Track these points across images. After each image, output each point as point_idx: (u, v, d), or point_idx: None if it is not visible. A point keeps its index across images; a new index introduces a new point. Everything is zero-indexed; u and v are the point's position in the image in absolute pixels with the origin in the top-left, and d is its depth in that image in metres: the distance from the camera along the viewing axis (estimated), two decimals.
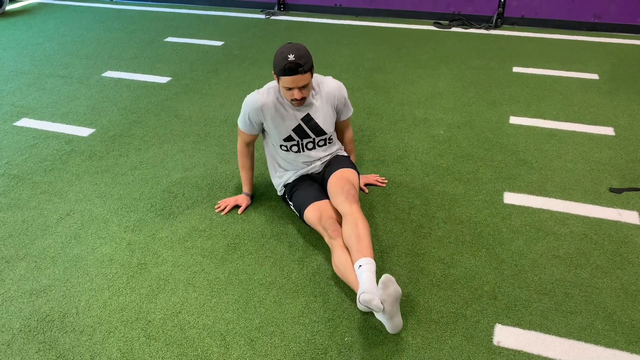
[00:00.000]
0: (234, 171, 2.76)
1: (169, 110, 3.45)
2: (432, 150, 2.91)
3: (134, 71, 4.09)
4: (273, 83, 2.19)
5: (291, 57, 1.97)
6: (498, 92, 3.54)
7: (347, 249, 1.96)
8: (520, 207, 2.43)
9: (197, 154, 2.94)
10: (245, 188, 2.47)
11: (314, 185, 2.28)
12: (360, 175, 2.62)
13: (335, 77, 3.74)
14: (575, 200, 2.46)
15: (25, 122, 3.36)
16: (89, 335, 1.86)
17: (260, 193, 2.58)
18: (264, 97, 2.15)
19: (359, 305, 1.78)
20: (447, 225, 2.33)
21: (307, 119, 2.20)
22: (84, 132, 3.22)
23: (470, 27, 4.82)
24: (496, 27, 4.79)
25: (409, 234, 2.29)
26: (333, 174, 2.23)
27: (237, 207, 2.46)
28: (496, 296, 1.96)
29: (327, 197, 2.22)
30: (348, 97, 2.33)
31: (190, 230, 2.35)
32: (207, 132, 3.16)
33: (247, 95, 2.19)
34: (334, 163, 2.31)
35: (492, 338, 1.80)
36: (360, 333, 1.83)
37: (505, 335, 1.81)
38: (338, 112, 2.29)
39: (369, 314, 1.89)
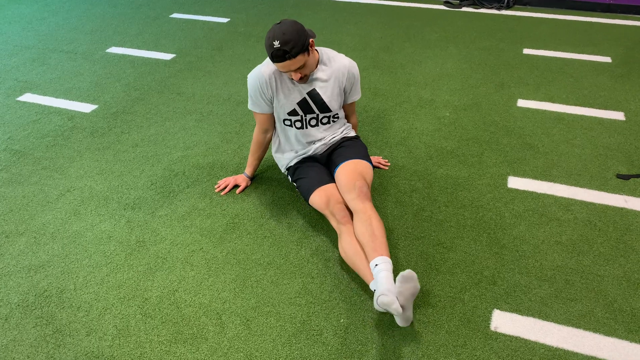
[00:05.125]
0: (236, 150, 2.73)
1: (172, 88, 3.42)
2: (437, 132, 2.86)
3: (139, 47, 4.05)
4: None
5: (276, 43, 1.85)
6: (507, 74, 3.46)
7: (356, 237, 1.91)
8: (524, 191, 2.39)
9: (199, 132, 2.92)
10: (248, 170, 2.44)
11: (317, 167, 2.22)
12: None
13: None
14: (581, 186, 2.41)
15: (28, 97, 3.34)
16: (86, 311, 1.87)
17: (261, 173, 2.55)
18: (269, 68, 2.08)
19: (376, 306, 1.70)
20: (449, 208, 2.30)
21: (313, 94, 2.12)
22: (87, 108, 3.20)
23: (482, 7, 4.71)
24: (508, 7, 4.67)
25: (409, 217, 2.26)
26: (344, 164, 2.14)
27: (236, 186, 2.44)
28: (495, 281, 1.94)
29: (333, 179, 2.17)
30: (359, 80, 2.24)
31: (190, 209, 2.34)
32: (210, 111, 3.13)
33: (250, 73, 2.13)
34: (346, 148, 2.22)
35: (489, 323, 1.78)
36: (356, 315, 1.82)
37: (503, 321, 1.79)
38: (346, 92, 2.21)
39: (365, 299, 1.87)
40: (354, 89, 2.22)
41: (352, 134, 2.33)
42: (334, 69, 2.13)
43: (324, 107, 2.16)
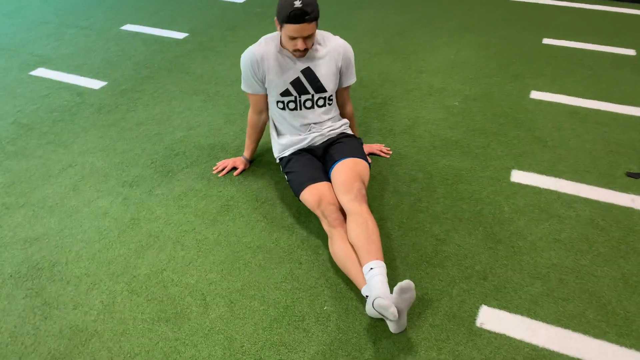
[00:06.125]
0: (238, 132, 2.72)
1: (181, 67, 3.42)
2: (443, 122, 2.80)
3: (153, 25, 4.05)
4: (270, 35, 2.09)
5: (298, 3, 1.81)
6: (523, 64, 3.36)
7: (348, 240, 1.85)
8: (527, 186, 2.32)
9: (204, 112, 2.91)
10: (247, 153, 2.42)
11: (311, 161, 2.15)
12: (365, 144, 2.54)
13: (354, 40, 3.64)
14: (588, 183, 2.33)
15: (41, 72, 3.39)
16: (75, 285, 1.90)
17: (260, 156, 2.54)
18: (262, 47, 2.05)
19: (369, 310, 1.65)
20: (447, 200, 2.25)
21: (308, 72, 2.07)
22: (96, 84, 3.23)
23: None
24: None
25: (405, 207, 2.22)
26: (343, 162, 2.07)
27: (234, 169, 2.43)
28: (486, 277, 1.90)
29: (327, 177, 2.10)
30: (355, 64, 2.17)
31: (187, 189, 2.35)
32: (217, 92, 3.12)
33: (243, 53, 2.11)
34: (344, 145, 2.17)
35: (475, 319, 1.75)
36: (340, 303, 1.80)
37: (490, 318, 1.75)
38: (341, 74, 2.16)
39: (351, 288, 1.85)
40: (349, 72, 2.17)
41: (350, 132, 2.28)
42: (330, 48, 2.08)
43: (319, 87, 2.11)
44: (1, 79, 3.32)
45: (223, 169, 2.43)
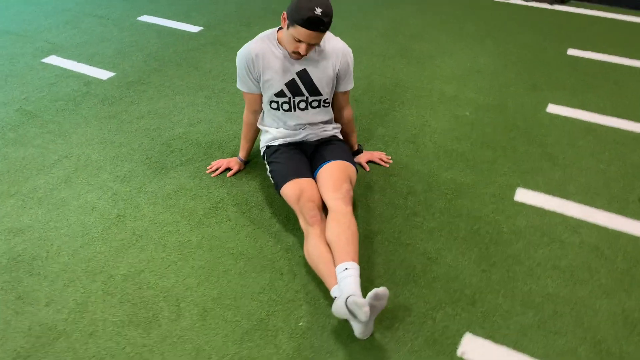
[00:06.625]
0: (237, 131, 2.66)
1: (191, 61, 3.37)
2: (451, 132, 2.68)
3: (169, 17, 4.02)
4: (266, 33, 2.01)
5: (318, 10, 1.73)
6: (543, 75, 3.20)
7: (324, 240, 1.80)
8: (530, 206, 2.20)
9: (206, 109, 2.86)
10: (242, 154, 2.36)
11: (299, 156, 2.11)
12: (365, 151, 2.46)
13: (368, 41, 3.55)
14: (597, 207, 2.19)
15: (52, 60, 3.39)
16: (51, 281, 1.87)
17: (256, 157, 2.46)
18: (257, 45, 1.98)
19: (338, 308, 1.58)
20: (444, 216, 2.15)
21: (303, 74, 2.00)
22: (104, 75, 3.21)
23: (532, 0, 4.38)
24: (562, 2, 4.32)
25: (399, 221, 2.13)
26: (333, 162, 2.03)
27: (228, 169, 2.38)
28: (475, 302, 1.79)
29: (311, 174, 2.06)
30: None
31: (177, 187, 2.30)
32: (222, 88, 3.07)
33: (239, 50, 2.03)
34: (337, 147, 2.13)
35: (457, 347, 1.65)
36: (317, 320, 1.73)
37: (473, 347, 1.65)
38: (339, 79, 2.08)
39: (330, 304, 1.77)
40: (347, 77, 2.09)
41: (341, 137, 2.24)
42: (328, 51, 2.00)
43: (313, 90, 2.04)
44: (13, 64, 3.34)
45: (217, 169, 2.37)
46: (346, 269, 1.67)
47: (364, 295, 1.56)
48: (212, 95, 3.00)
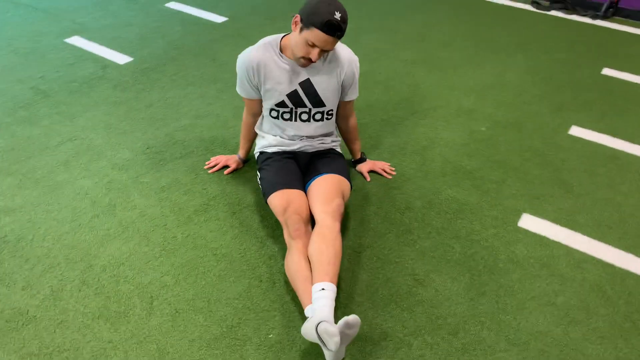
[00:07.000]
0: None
1: (209, 53, 3.35)
2: (463, 147, 2.57)
3: (196, 6, 4.01)
4: (269, 39, 1.95)
5: (337, 15, 1.67)
6: (571, 95, 3.03)
7: (306, 255, 1.73)
8: (534, 234, 2.07)
9: (216, 102, 2.83)
10: (241, 152, 2.31)
11: (292, 166, 2.03)
12: (368, 160, 2.37)
13: (393, 45, 3.44)
14: (607, 242, 2.05)
15: (74, 40, 3.43)
16: (32, 265, 1.87)
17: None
18: (259, 53, 1.92)
19: (308, 331, 1.51)
20: (439, 236, 2.05)
21: (306, 85, 1.92)
22: (122, 59, 3.22)
23: (574, 13, 4.18)
24: (605, 17, 4.10)
25: (391, 237, 2.04)
26: (328, 176, 1.96)
27: (227, 167, 2.34)
28: (457, 332, 1.69)
29: (302, 186, 1.97)
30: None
31: (172, 181, 2.27)
32: (235, 82, 3.01)
33: (241, 53, 1.98)
34: (333, 161, 2.05)
35: None
36: (288, 334, 1.67)
37: None
38: (344, 89, 2.01)
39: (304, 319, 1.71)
40: (353, 87, 2.01)
41: (339, 150, 2.16)
42: (333, 60, 1.92)
43: (317, 101, 1.96)
44: (37, 42, 3.39)
45: (215, 166, 2.34)
46: (323, 289, 1.59)
47: (339, 318, 1.48)
48: (225, 88, 2.96)
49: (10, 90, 2.88)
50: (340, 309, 1.74)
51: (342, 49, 1.95)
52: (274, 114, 2.02)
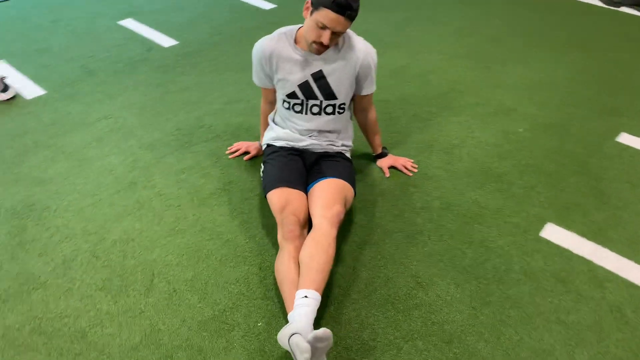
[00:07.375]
0: None
1: (252, 39, 3.29)
2: (495, 148, 2.44)
3: None
4: (285, 29, 1.94)
5: None
6: (625, 98, 2.80)
7: (296, 259, 1.68)
8: (556, 246, 1.94)
9: (249, 89, 2.85)
10: (262, 140, 2.32)
11: (297, 164, 1.99)
12: (390, 155, 2.31)
13: (438, 38, 3.33)
14: (637, 262, 1.89)
15: (127, 22, 3.57)
16: (51, 234, 1.98)
17: None
18: (272, 42, 1.91)
19: (282, 339, 1.47)
20: (452, 240, 1.97)
21: (318, 76, 1.89)
22: (168, 42, 3.32)
23: None
24: None
25: (400, 237, 1.98)
26: (332, 180, 1.90)
27: (247, 152, 2.36)
28: (451, 341, 1.62)
29: (303, 187, 1.93)
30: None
31: (194, 163, 2.32)
32: None
33: (256, 42, 1.98)
34: (339, 165, 1.99)
35: None
36: (277, 324, 1.66)
37: None
38: (357, 82, 1.95)
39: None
40: (369, 81, 1.95)
41: (349, 155, 2.11)
42: (349, 51, 1.88)
43: (328, 94, 1.93)
44: (92, 23, 3.56)
45: (236, 151, 2.36)
46: (305, 296, 1.54)
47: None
48: None
49: (61, 67, 3.05)
50: (333, 305, 1.72)
51: (358, 41, 1.90)
52: (286, 105, 2.00)
